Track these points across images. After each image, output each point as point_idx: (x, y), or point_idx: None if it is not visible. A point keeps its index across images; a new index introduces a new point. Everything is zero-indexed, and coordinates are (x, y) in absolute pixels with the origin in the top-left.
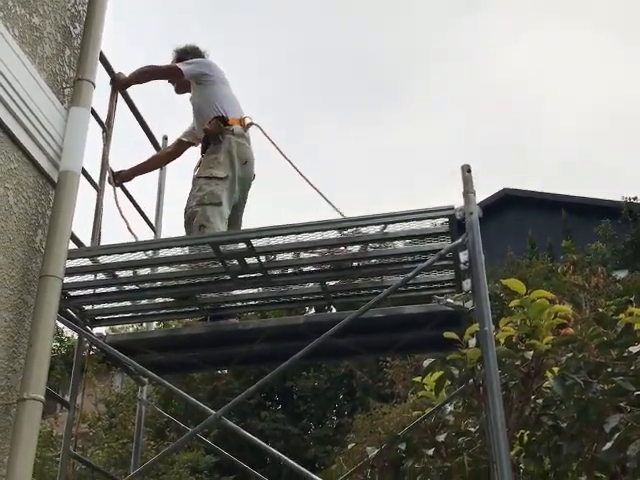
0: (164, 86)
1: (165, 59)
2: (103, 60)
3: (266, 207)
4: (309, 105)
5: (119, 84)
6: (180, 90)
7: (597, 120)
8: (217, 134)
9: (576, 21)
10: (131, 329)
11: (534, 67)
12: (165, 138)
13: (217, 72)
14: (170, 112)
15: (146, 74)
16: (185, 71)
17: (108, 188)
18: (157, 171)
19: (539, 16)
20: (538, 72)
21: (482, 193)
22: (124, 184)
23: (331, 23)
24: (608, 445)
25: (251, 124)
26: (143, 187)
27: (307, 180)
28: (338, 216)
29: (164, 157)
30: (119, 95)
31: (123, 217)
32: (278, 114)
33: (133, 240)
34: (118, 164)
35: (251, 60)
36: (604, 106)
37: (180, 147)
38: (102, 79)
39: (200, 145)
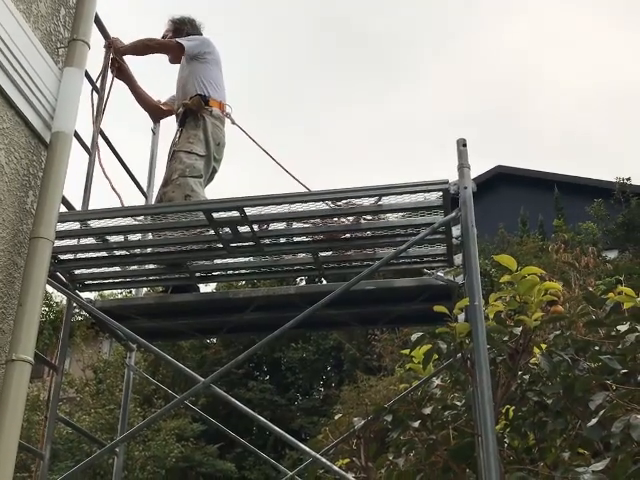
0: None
1: (158, 28)
2: (98, 22)
3: (262, 177)
4: (310, 80)
5: (116, 52)
6: (174, 60)
7: (596, 100)
8: (196, 111)
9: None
10: (120, 296)
11: (535, 45)
12: (159, 102)
13: (215, 53)
14: (163, 74)
15: (146, 47)
16: (187, 47)
17: (100, 152)
18: (150, 137)
19: None
20: (539, 49)
21: (477, 167)
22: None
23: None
24: (593, 422)
25: (228, 114)
26: (135, 154)
27: (283, 167)
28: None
29: (151, 102)
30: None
31: (106, 176)
32: (278, 91)
33: (123, 205)
34: (111, 128)
35: (250, 38)
36: (604, 88)
37: (165, 112)
38: (97, 41)
39: (178, 118)
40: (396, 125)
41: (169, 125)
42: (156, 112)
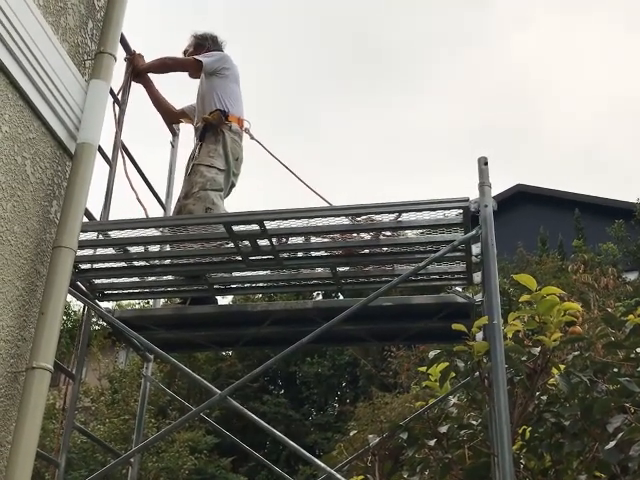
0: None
1: (178, 43)
2: (121, 37)
3: (278, 192)
4: (320, 89)
5: (137, 70)
6: (194, 76)
7: (617, 116)
8: (216, 126)
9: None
10: (137, 306)
11: (551, 59)
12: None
13: (233, 69)
14: (185, 91)
15: (166, 66)
16: (205, 63)
17: (120, 164)
18: (169, 150)
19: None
20: (555, 63)
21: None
22: (135, 162)
23: (339, 4)
24: (611, 445)
25: (247, 129)
26: (154, 166)
27: (304, 182)
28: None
29: (166, 105)
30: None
31: (133, 188)
32: (287, 101)
33: (143, 216)
34: (130, 143)
35: (260, 46)
36: (620, 102)
37: (183, 116)
38: (120, 55)
39: (197, 132)
40: (408, 136)
41: (187, 139)
42: (170, 115)
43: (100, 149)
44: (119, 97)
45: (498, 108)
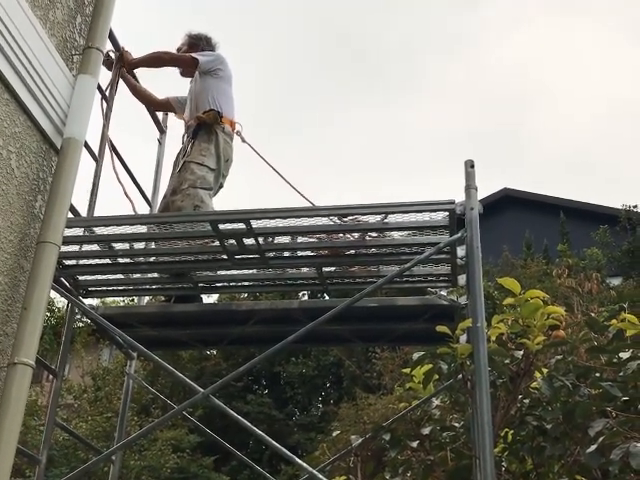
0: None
1: (170, 40)
2: (109, 32)
3: (261, 188)
4: (313, 89)
5: (127, 64)
6: (186, 74)
7: (608, 123)
8: (210, 125)
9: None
10: (122, 303)
11: (544, 60)
12: (165, 114)
13: (227, 70)
14: (172, 84)
15: (159, 59)
16: (201, 62)
17: (107, 159)
18: (156, 146)
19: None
20: (548, 65)
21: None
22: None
23: (337, 5)
24: (592, 448)
25: (238, 132)
26: (142, 163)
27: (290, 184)
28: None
29: (153, 99)
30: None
31: (120, 182)
32: (278, 101)
33: (129, 212)
34: (117, 138)
35: (255, 47)
36: (616, 106)
37: (165, 105)
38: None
39: (189, 130)
40: (401, 138)
41: (176, 134)
42: (153, 104)
43: (87, 145)
44: (107, 93)
45: (491, 111)
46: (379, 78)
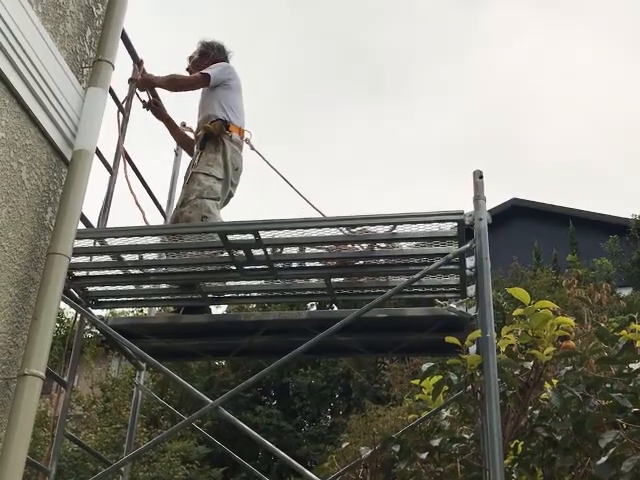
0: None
1: (178, 43)
2: (126, 42)
3: (274, 202)
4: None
5: (141, 81)
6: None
7: (614, 132)
8: (217, 135)
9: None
10: (131, 314)
11: (542, 70)
12: (183, 124)
13: (236, 80)
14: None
15: (174, 84)
16: (213, 77)
17: (121, 170)
18: (172, 158)
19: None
20: (548, 75)
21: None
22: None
23: (331, 12)
24: (602, 460)
25: (247, 140)
26: (156, 173)
27: (300, 193)
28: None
29: (185, 138)
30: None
31: (132, 191)
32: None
33: (140, 221)
34: (138, 150)
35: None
36: (620, 117)
37: (191, 147)
38: (124, 61)
39: (197, 141)
40: (403, 148)
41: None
42: (186, 145)
43: (101, 156)
44: (123, 105)
45: (494, 120)
46: (374, 90)
